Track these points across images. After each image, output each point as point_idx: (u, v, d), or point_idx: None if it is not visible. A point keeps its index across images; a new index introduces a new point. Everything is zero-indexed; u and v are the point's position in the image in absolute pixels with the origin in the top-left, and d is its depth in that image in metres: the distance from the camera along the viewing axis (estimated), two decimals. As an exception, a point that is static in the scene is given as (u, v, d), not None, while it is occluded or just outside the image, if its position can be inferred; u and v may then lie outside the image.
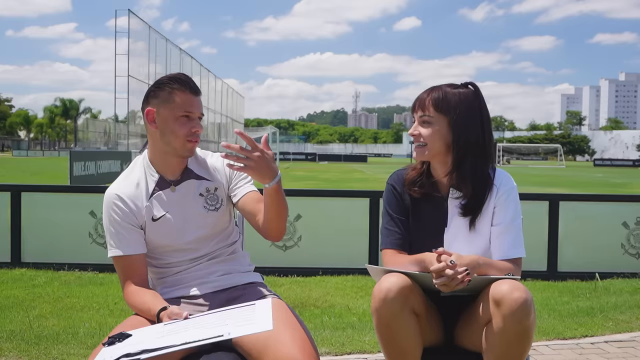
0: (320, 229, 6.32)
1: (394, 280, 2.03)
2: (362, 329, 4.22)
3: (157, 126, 2.17)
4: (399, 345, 2.05)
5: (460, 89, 2.23)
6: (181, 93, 2.15)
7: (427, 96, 2.22)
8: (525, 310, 1.93)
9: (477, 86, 2.27)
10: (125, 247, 2.16)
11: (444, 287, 2.02)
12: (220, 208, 2.26)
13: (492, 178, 2.26)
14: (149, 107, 2.17)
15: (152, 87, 2.20)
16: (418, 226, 2.29)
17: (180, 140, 2.15)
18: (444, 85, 2.25)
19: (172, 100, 2.14)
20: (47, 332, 4.03)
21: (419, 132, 2.23)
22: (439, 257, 2.05)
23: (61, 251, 6.19)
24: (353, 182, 25.95)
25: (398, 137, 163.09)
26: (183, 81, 2.17)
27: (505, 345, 1.97)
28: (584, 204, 6.72)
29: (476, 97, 2.23)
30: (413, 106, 2.28)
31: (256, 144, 1.94)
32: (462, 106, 2.19)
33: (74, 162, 16.64)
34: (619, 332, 4.30)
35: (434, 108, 2.20)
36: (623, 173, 46.58)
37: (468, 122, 2.19)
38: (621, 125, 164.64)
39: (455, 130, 2.19)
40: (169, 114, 2.14)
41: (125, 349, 1.78)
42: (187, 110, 2.14)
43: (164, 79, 2.19)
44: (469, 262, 2.04)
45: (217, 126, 42.74)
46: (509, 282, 2.00)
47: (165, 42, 31.17)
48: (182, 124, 2.14)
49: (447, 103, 2.19)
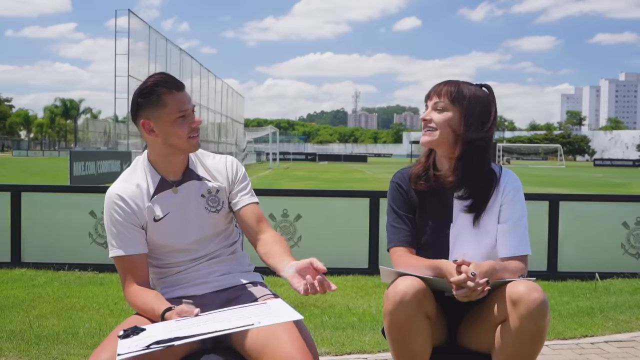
0: (320, 229, 6.31)
1: (410, 284, 2.04)
2: (362, 329, 4.22)
3: (156, 134, 2.16)
4: (410, 347, 2.07)
5: (476, 87, 2.29)
6: (169, 95, 2.13)
7: (444, 86, 2.27)
8: (542, 310, 1.96)
9: (491, 89, 2.33)
10: (127, 247, 2.16)
11: (465, 298, 2.03)
12: (221, 210, 2.26)
13: (497, 175, 2.29)
14: (142, 119, 2.15)
15: (138, 97, 2.15)
16: (423, 222, 2.29)
17: (184, 140, 2.16)
18: (461, 80, 2.30)
19: (163, 105, 2.12)
20: (47, 332, 4.03)
21: (430, 117, 2.27)
22: (458, 268, 2.04)
23: (61, 251, 6.19)
24: (353, 182, 25.96)
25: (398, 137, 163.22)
26: (166, 82, 2.14)
27: (519, 345, 1.99)
28: (584, 204, 6.72)
29: (490, 98, 2.29)
30: (428, 94, 2.31)
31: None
32: (477, 102, 2.25)
33: (74, 162, 16.66)
34: (619, 332, 4.30)
35: (449, 97, 2.24)
36: (623, 173, 46.59)
37: (479, 118, 2.24)
38: (621, 125, 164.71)
39: (467, 123, 2.22)
40: (164, 120, 2.13)
41: (152, 338, 1.79)
42: (180, 110, 2.14)
43: (147, 87, 2.13)
44: (487, 270, 2.06)
45: (217, 126, 42.72)
46: (526, 283, 2.01)
47: (165, 42, 31.17)
48: (180, 125, 2.14)
49: (462, 95, 2.24)
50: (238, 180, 2.29)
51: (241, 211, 2.26)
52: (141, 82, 2.19)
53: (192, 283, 2.22)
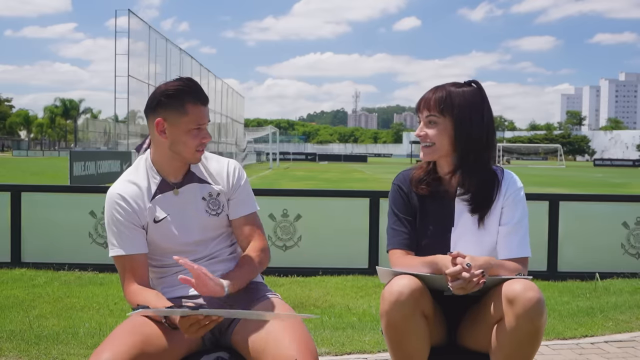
0: (320, 229, 6.31)
1: (406, 283, 2.03)
2: (362, 329, 4.22)
3: (166, 137, 2.15)
4: (408, 347, 2.06)
5: (464, 88, 2.26)
6: (193, 106, 2.12)
7: (431, 96, 2.25)
8: (538, 309, 1.95)
9: (480, 84, 2.29)
10: (128, 246, 2.16)
11: (460, 290, 2.02)
12: (221, 213, 2.26)
13: (499, 177, 2.28)
14: (158, 118, 2.13)
15: (161, 96, 2.13)
16: (425, 225, 2.29)
17: (191, 151, 2.16)
18: (448, 84, 2.28)
19: (185, 113, 2.11)
20: (47, 332, 4.03)
21: (425, 133, 2.25)
22: (453, 260, 2.04)
23: (61, 251, 6.19)
24: (353, 182, 25.96)
25: (398, 137, 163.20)
26: (194, 92, 2.13)
27: (516, 345, 1.98)
28: (584, 204, 6.73)
29: (479, 95, 2.25)
30: (417, 106, 2.29)
31: (197, 272, 1.98)
32: (466, 104, 2.22)
33: (74, 162, 16.64)
34: (619, 332, 4.30)
35: (438, 108, 2.22)
36: (623, 173, 46.58)
37: (472, 120, 2.21)
38: (621, 125, 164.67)
39: (459, 128, 2.20)
40: (181, 127, 2.12)
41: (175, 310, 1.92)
42: (199, 123, 2.13)
43: (174, 89, 2.12)
44: (483, 264, 2.05)
45: (217, 126, 42.68)
46: (522, 282, 2.01)
47: (165, 42, 31.13)
48: (193, 137, 2.14)
49: (451, 102, 2.21)
50: (239, 188, 2.28)
51: (234, 222, 2.28)
52: (168, 81, 2.19)
53: (192, 283, 2.21)
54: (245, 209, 2.29)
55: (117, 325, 2.07)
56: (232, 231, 2.33)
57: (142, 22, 27.83)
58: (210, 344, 2.10)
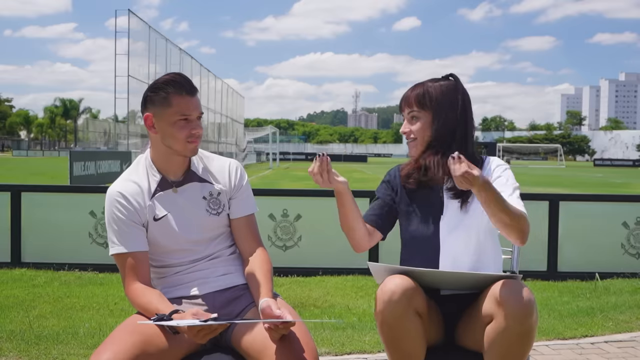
0: (320, 229, 6.31)
1: (398, 282, 2.04)
2: (362, 329, 4.23)
3: (156, 131, 2.16)
4: (403, 347, 2.06)
5: (441, 82, 2.36)
6: (177, 96, 2.12)
7: (410, 93, 2.35)
8: (528, 310, 1.94)
9: (457, 77, 2.38)
10: (129, 244, 2.15)
11: (464, 183, 1.99)
12: (222, 213, 2.26)
13: (483, 163, 2.34)
14: (146, 113, 2.16)
15: (148, 92, 2.17)
16: (415, 215, 2.34)
17: (181, 143, 2.15)
18: (427, 81, 2.38)
19: (169, 104, 2.12)
20: (47, 332, 4.03)
21: (409, 129, 2.35)
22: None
23: (61, 251, 6.19)
24: (353, 182, 25.94)
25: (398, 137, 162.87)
26: (178, 83, 2.13)
27: (507, 345, 1.98)
28: (584, 204, 6.73)
29: (456, 88, 2.34)
30: (400, 105, 2.40)
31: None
32: (443, 98, 2.32)
33: (74, 162, 16.64)
34: (619, 332, 4.30)
35: (417, 104, 2.32)
36: (623, 173, 46.59)
37: (449, 111, 2.30)
38: (621, 125, 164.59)
39: (437, 119, 2.30)
40: (166, 118, 2.13)
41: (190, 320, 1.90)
42: (184, 113, 2.12)
43: (159, 82, 2.15)
44: (480, 175, 2.01)
45: (217, 126, 42.69)
46: (511, 282, 2.01)
47: (165, 42, 31.14)
48: (180, 128, 2.13)
49: (429, 97, 2.31)
50: (241, 188, 2.29)
51: (234, 221, 2.28)
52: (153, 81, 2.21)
53: (192, 283, 2.21)
54: (246, 209, 2.29)
55: (117, 325, 2.07)
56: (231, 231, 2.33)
57: (142, 22, 27.84)
58: (211, 344, 2.10)
